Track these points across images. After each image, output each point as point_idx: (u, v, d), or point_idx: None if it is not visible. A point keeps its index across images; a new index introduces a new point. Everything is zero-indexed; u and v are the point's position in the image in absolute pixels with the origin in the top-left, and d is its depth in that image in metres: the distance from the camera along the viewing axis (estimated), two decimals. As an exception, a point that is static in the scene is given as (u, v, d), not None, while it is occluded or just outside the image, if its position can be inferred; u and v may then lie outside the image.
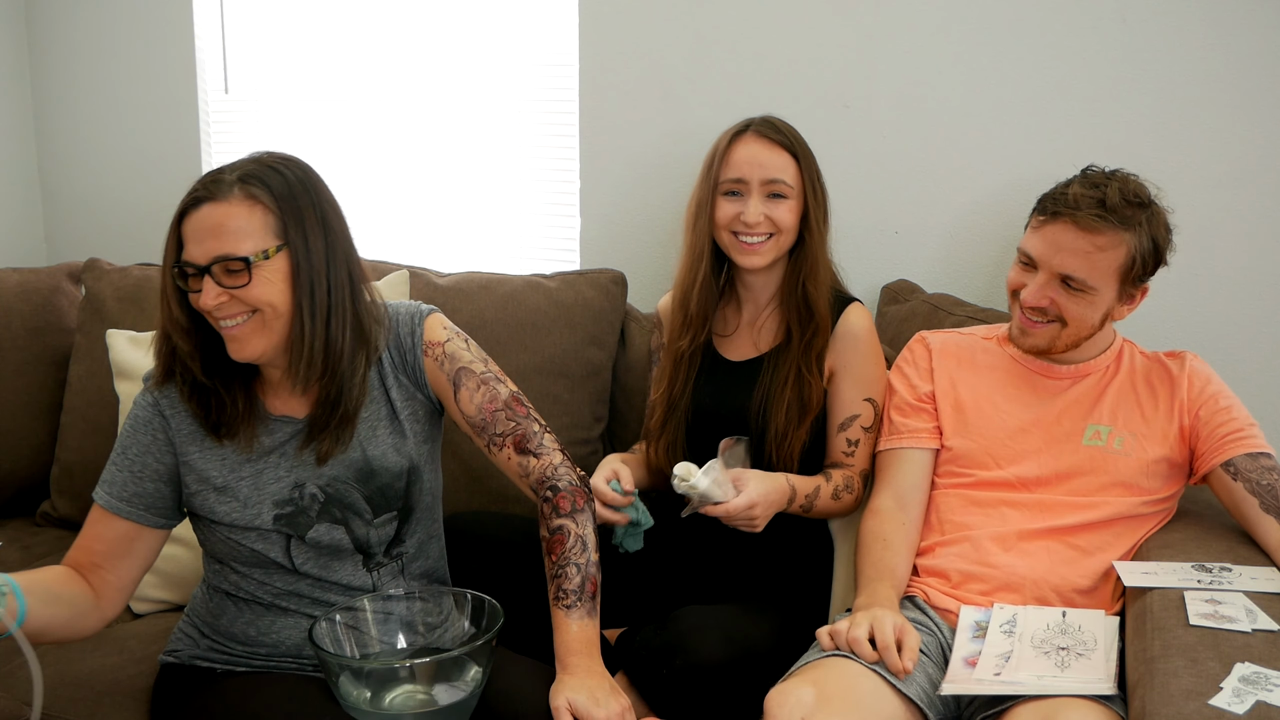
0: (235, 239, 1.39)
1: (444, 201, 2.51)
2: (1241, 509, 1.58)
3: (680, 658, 1.53)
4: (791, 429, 1.77)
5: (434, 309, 1.59)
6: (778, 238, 1.78)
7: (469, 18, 2.41)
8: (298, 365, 1.45)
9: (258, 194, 1.42)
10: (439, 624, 1.51)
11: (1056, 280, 1.62)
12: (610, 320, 2.16)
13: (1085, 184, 1.62)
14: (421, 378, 1.56)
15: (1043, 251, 1.62)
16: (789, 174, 1.77)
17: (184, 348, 1.47)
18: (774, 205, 1.77)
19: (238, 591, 1.56)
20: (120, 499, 1.51)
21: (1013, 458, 1.69)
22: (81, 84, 2.68)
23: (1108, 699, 1.37)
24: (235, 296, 1.40)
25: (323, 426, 1.49)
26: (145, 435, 1.52)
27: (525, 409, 1.56)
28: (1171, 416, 1.66)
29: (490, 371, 1.57)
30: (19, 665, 1.73)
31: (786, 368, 1.78)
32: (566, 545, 1.48)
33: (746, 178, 1.77)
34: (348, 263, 1.48)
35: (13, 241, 2.71)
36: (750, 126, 1.81)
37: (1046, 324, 1.65)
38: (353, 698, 1.35)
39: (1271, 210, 1.93)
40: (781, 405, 1.76)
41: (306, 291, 1.43)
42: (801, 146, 1.80)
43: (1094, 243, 1.59)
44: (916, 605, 1.65)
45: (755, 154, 1.78)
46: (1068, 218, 1.59)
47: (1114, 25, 1.95)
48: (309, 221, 1.44)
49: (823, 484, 1.75)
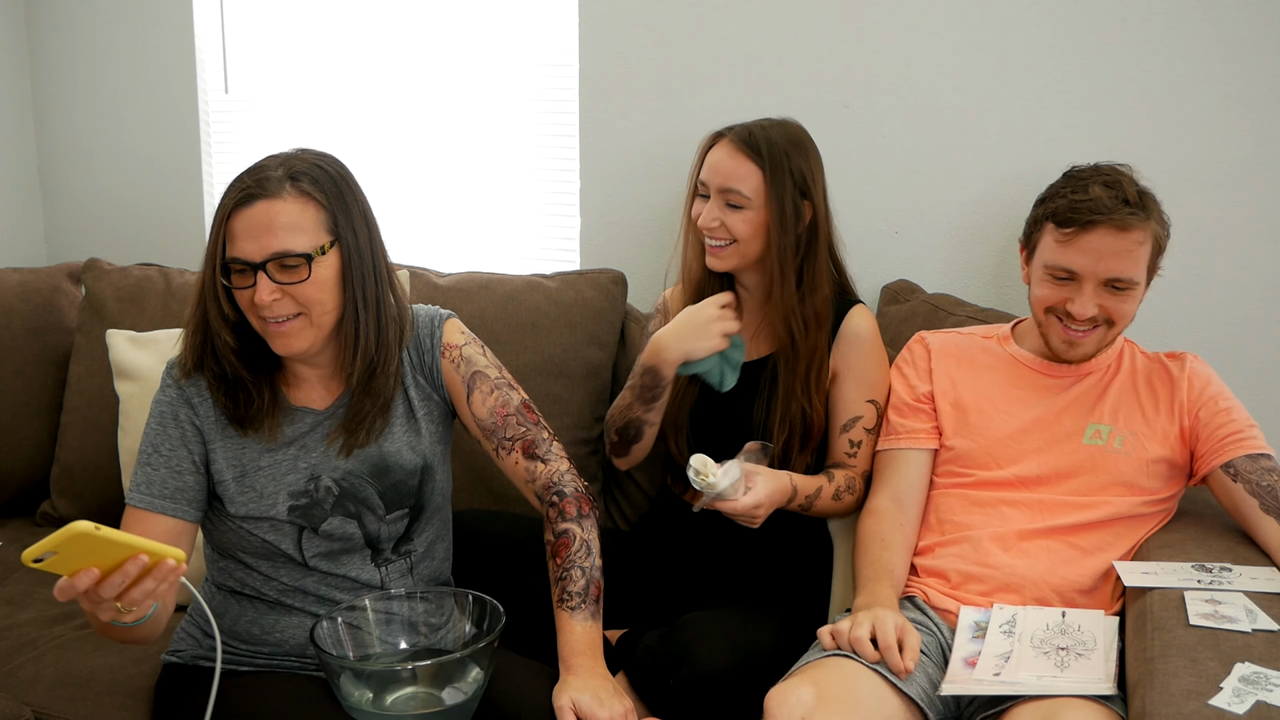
0: (291, 235, 1.41)
1: (444, 201, 2.51)
2: (1242, 510, 1.58)
3: (686, 668, 1.53)
4: (794, 452, 1.78)
5: (452, 314, 1.63)
6: (737, 245, 1.77)
7: (469, 18, 2.41)
8: (351, 358, 1.48)
9: (309, 190, 1.44)
10: (441, 625, 1.51)
11: (1103, 287, 1.61)
12: (610, 320, 2.17)
13: (1099, 184, 1.60)
14: (438, 379, 1.59)
15: (1085, 263, 1.59)
16: (749, 185, 1.75)
17: (229, 343, 1.48)
18: (730, 214, 1.76)
19: (242, 588, 1.56)
20: (161, 496, 1.50)
21: (1013, 457, 1.69)
22: (81, 84, 2.68)
23: (1108, 699, 1.37)
24: (288, 293, 1.42)
25: (362, 417, 1.51)
26: (175, 428, 1.52)
27: (535, 416, 1.59)
28: (1172, 417, 1.66)
29: (503, 378, 1.60)
30: (19, 665, 1.73)
31: (783, 393, 1.77)
32: (572, 549, 1.49)
33: (708, 182, 1.79)
34: (384, 255, 1.53)
35: (13, 241, 2.71)
36: (728, 132, 1.80)
37: (1093, 330, 1.64)
38: (354, 698, 1.35)
39: (1271, 210, 1.93)
40: (781, 435, 1.77)
41: (359, 285, 1.47)
42: (777, 160, 1.75)
43: (1133, 239, 1.58)
44: (916, 605, 1.65)
45: (719, 160, 1.77)
46: (1105, 223, 1.57)
47: (1114, 25, 1.95)
48: (355, 216, 1.47)
49: (824, 484, 1.75)
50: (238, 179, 1.45)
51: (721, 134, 1.81)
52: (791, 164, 1.76)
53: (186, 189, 2.63)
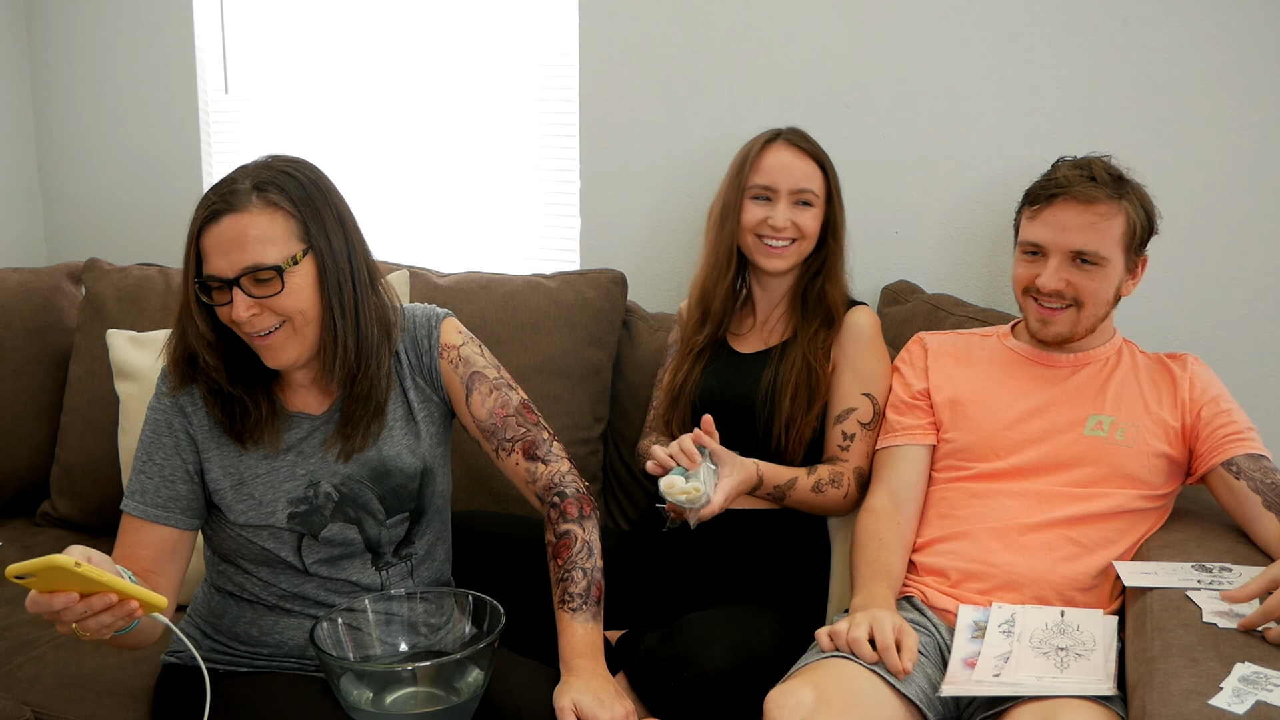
0: (261, 248, 1.39)
1: (444, 201, 2.51)
2: (1244, 507, 1.58)
3: (688, 670, 1.53)
4: (800, 414, 1.80)
5: (449, 313, 1.61)
6: (800, 243, 1.85)
7: (469, 18, 2.41)
8: (331, 364, 1.46)
9: (277, 200, 1.41)
10: (441, 625, 1.51)
11: (1069, 260, 1.64)
12: (610, 320, 2.17)
13: (1068, 166, 1.68)
14: (437, 379, 1.58)
15: (1049, 235, 1.65)
16: (816, 183, 1.85)
17: (210, 361, 1.46)
18: (800, 212, 1.84)
19: (241, 592, 1.55)
20: (155, 505, 1.50)
21: (1012, 448, 1.69)
22: (81, 84, 2.68)
23: (1107, 699, 1.37)
24: (267, 306, 1.40)
25: (356, 422, 1.50)
26: (169, 437, 1.51)
27: (535, 416, 1.58)
28: (1174, 414, 1.67)
29: (502, 378, 1.59)
30: (19, 665, 1.73)
31: (794, 357, 1.83)
32: (573, 550, 1.49)
33: (776, 184, 1.84)
34: (365, 257, 1.50)
35: (13, 241, 2.71)
36: (781, 135, 1.88)
37: (1064, 309, 1.67)
38: (353, 698, 1.35)
39: (1271, 210, 1.93)
40: (788, 391, 1.80)
41: (335, 291, 1.44)
42: (827, 158, 1.88)
43: (1096, 212, 1.62)
44: (914, 606, 1.65)
45: (786, 162, 1.85)
46: (1065, 196, 1.63)
47: (1114, 25, 1.95)
48: (328, 221, 1.45)
49: (801, 476, 1.76)
50: (206, 196, 1.43)
51: (773, 138, 1.88)
52: (831, 163, 1.88)
53: (186, 189, 2.63)
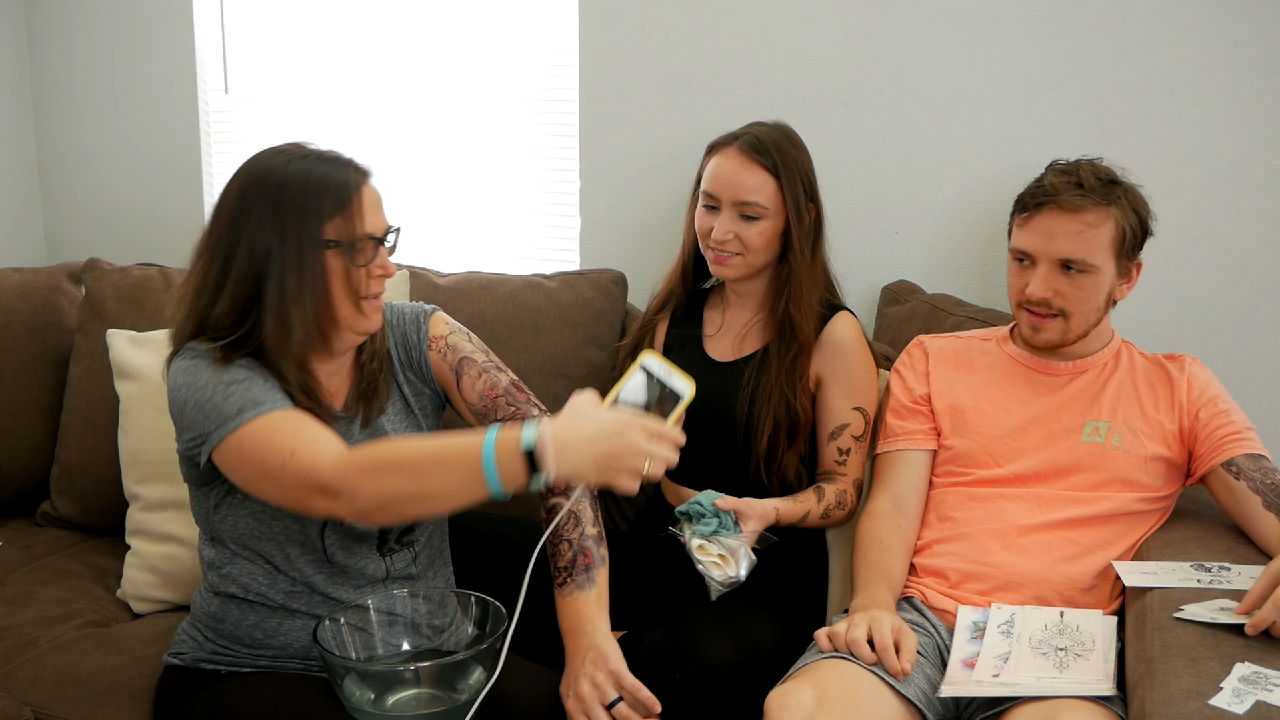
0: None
1: (444, 201, 2.51)
2: (1244, 507, 1.59)
3: (692, 661, 1.53)
4: (781, 449, 1.76)
5: (436, 308, 1.65)
6: (746, 256, 1.76)
7: (469, 18, 2.41)
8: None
9: None
10: (444, 626, 1.51)
11: (1057, 268, 1.64)
12: (610, 320, 2.17)
13: (1056, 173, 1.67)
14: (428, 372, 1.61)
15: (1036, 243, 1.65)
16: (764, 195, 1.73)
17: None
18: (745, 225, 1.74)
19: (245, 593, 1.54)
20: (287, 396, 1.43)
21: (1012, 455, 1.70)
22: (81, 84, 2.68)
23: (1107, 700, 1.38)
24: None
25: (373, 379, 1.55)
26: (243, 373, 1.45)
27: (525, 394, 1.61)
28: (1171, 416, 1.67)
29: (491, 361, 1.62)
30: (19, 665, 1.73)
31: (769, 385, 1.76)
32: (558, 522, 1.51)
33: (718, 194, 1.75)
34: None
35: (13, 241, 2.71)
36: (735, 140, 1.76)
37: (1052, 317, 1.66)
38: (356, 698, 1.35)
39: (1270, 210, 1.93)
40: (765, 429, 1.75)
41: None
42: (789, 165, 1.74)
43: (1083, 220, 1.62)
44: (914, 606, 1.65)
45: (730, 172, 1.74)
46: (1052, 204, 1.63)
47: (1114, 25, 1.96)
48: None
49: (812, 507, 1.72)
50: None
51: (725, 143, 1.78)
52: (799, 167, 1.76)
53: (186, 189, 2.63)
